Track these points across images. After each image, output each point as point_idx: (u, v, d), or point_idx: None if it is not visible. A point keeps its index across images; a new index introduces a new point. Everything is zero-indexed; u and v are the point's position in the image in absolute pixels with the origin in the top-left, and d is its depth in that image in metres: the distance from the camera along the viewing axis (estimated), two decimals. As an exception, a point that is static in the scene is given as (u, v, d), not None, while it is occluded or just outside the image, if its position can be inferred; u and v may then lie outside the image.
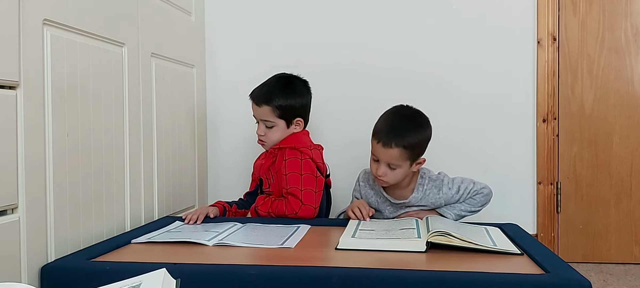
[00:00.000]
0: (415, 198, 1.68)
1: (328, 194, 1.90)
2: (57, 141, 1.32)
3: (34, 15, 1.24)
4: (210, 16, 2.33)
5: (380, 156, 1.61)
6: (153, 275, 0.86)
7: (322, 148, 1.87)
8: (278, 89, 1.80)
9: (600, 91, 2.21)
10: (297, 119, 1.82)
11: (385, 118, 1.65)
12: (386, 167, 1.61)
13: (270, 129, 1.80)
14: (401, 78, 2.25)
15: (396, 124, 1.60)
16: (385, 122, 1.62)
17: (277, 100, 1.78)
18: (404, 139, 1.57)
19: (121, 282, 0.87)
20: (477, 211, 1.70)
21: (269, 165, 1.82)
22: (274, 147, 1.81)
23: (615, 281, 2.00)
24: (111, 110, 1.56)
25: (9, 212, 1.19)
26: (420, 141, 1.62)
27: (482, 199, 1.69)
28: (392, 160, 1.59)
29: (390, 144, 1.57)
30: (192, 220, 1.67)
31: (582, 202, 2.24)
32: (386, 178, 1.63)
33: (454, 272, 1.12)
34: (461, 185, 1.68)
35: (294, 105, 1.80)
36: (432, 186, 1.68)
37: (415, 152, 1.61)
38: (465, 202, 1.68)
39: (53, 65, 1.30)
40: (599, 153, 2.23)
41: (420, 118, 1.65)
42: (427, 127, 1.65)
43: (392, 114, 1.66)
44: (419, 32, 2.25)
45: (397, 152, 1.57)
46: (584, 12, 2.21)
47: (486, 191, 1.69)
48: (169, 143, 1.93)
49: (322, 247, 1.41)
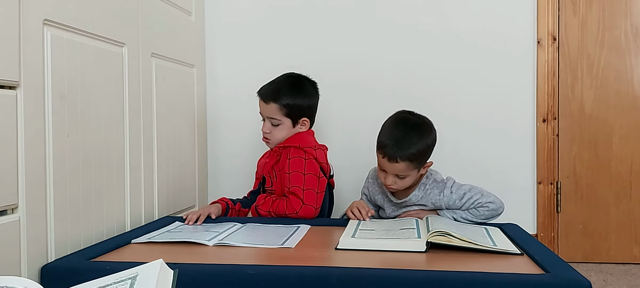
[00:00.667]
0: (415, 196, 1.68)
1: (331, 195, 1.90)
2: (57, 141, 1.32)
3: (34, 15, 1.24)
4: (210, 16, 2.33)
5: (387, 169, 1.62)
6: (150, 266, 0.85)
7: (326, 149, 1.87)
8: (286, 88, 1.80)
9: (600, 91, 2.21)
10: (303, 119, 1.82)
11: (389, 130, 1.63)
12: (394, 177, 1.63)
13: (276, 127, 1.80)
14: (404, 77, 2.25)
15: (400, 136, 1.59)
16: (389, 135, 1.61)
17: (285, 99, 1.78)
18: (408, 152, 1.57)
19: (117, 274, 0.86)
20: (480, 223, 1.64)
21: (273, 164, 1.82)
22: (279, 145, 1.81)
23: (615, 281, 2.00)
24: (111, 110, 1.56)
25: (9, 212, 1.19)
26: (426, 149, 1.62)
27: (487, 213, 1.63)
28: (399, 172, 1.61)
29: (395, 158, 1.57)
30: (192, 220, 1.66)
31: (582, 201, 2.24)
32: (395, 186, 1.65)
33: (454, 272, 1.12)
34: (467, 193, 1.64)
35: (302, 104, 1.80)
36: (435, 187, 1.68)
37: (422, 160, 1.62)
38: (469, 211, 1.64)
39: (53, 65, 1.30)
40: (599, 153, 2.23)
41: (423, 126, 1.64)
42: (430, 133, 1.64)
43: (396, 126, 1.64)
44: (419, 32, 2.25)
45: (403, 165, 1.59)
46: (584, 12, 2.21)
47: (493, 206, 1.63)
48: (169, 143, 1.93)
49: (322, 247, 1.41)
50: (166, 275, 0.83)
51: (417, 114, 1.68)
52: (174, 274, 0.84)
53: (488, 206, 1.63)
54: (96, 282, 0.86)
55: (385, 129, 1.65)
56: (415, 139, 1.59)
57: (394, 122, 1.66)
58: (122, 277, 0.84)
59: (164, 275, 0.83)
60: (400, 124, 1.64)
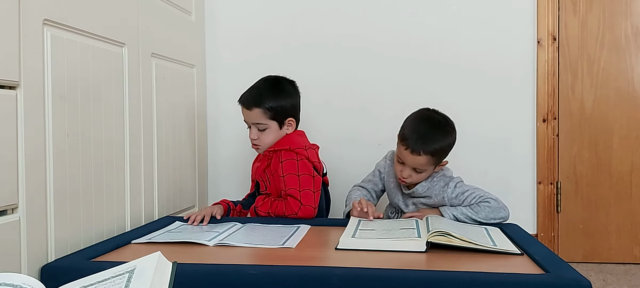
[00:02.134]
0: (422, 186, 1.71)
1: (326, 193, 1.90)
2: (57, 141, 1.32)
3: (34, 15, 1.24)
4: (210, 16, 2.33)
5: (407, 161, 1.65)
6: (147, 258, 0.85)
7: (317, 148, 1.87)
8: (267, 91, 1.80)
9: (601, 91, 2.21)
10: (289, 119, 1.81)
11: (414, 124, 1.67)
12: (411, 170, 1.66)
13: (263, 132, 1.80)
14: (401, 79, 2.26)
15: (424, 131, 1.63)
16: (414, 129, 1.65)
17: (267, 102, 1.77)
18: (431, 147, 1.62)
19: (115, 268, 0.86)
20: (483, 222, 1.62)
21: (264, 168, 1.82)
22: (269, 149, 1.80)
23: (615, 281, 2.00)
24: (111, 110, 1.56)
25: (9, 212, 1.19)
26: (447, 147, 1.67)
27: (487, 210, 1.62)
28: (419, 165, 1.65)
29: (418, 151, 1.61)
30: (196, 220, 1.65)
31: (582, 201, 2.24)
32: (410, 180, 1.69)
33: (454, 272, 1.12)
34: (467, 190, 1.67)
35: (285, 105, 1.80)
36: (441, 180, 1.71)
37: (441, 157, 1.68)
38: (470, 207, 1.64)
39: (53, 65, 1.30)
40: (599, 153, 2.23)
41: (447, 125, 1.68)
42: (452, 133, 1.68)
43: (421, 121, 1.68)
44: (419, 32, 2.25)
45: (424, 159, 1.63)
46: (584, 12, 2.21)
47: (495, 204, 1.63)
48: (169, 143, 1.93)
49: (322, 247, 1.42)
50: (164, 268, 0.83)
51: (441, 113, 1.72)
52: (173, 266, 0.84)
53: (489, 202, 1.63)
54: (95, 276, 0.87)
55: (410, 123, 1.69)
56: (439, 136, 1.64)
57: (418, 117, 1.70)
58: (120, 271, 0.84)
59: (161, 267, 0.83)
60: (425, 119, 1.68)
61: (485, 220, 1.63)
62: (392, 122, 1.78)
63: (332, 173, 1.95)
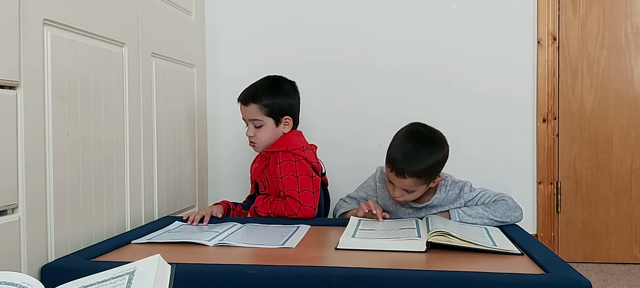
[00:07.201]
0: (437, 198, 1.66)
1: (325, 192, 1.90)
2: (57, 141, 1.32)
3: (34, 15, 1.24)
4: (210, 16, 2.33)
5: (394, 182, 1.60)
6: (147, 261, 0.85)
7: (315, 148, 1.86)
8: (264, 88, 1.81)
9: (600, 91, 2.21)
10: (285, 118, 1.81)
11: (399, 144, 1.60)
12: (402, 190, 1.61)
13: (259, 129, 1.80)
14: (401, 78, 2.26)
15: (410, 151, 1.56)
16: (399, 150, 1.58)
17: (264, 98, 1.78)
18: (416, 168, 1.55)
19: (116, 269, 0.86)
20: (499, 221, 1.60)
21: (263, 168, 1.82)
22: (266, 150, 1.81)
23: (615, 281, 2.00)
24: (111, 110, 1.56)
25: (9, 212, 1.19)
26: (435, 165, 1.59)
27: (505, 208, 1.60)
28: (407, 187, 1.60)
29: (403, 173, 1.56)
30: (196, 221, 1.65)
31: (582, 201, 2.24)
32: (402, 199, 1.64)
33: (454, 272, 1.12)
34: (481, 191, 1.66)
35: (281, 103, 1.80)
36: (455, 187, 1.68)
37: (431, 176, 1.60)
38: (486, 205, 1.62)
39: (53, 65, 1.30)
40: (599, 153, 2.23)
41: (435, 141, 1.60)
42: (441, 149, 1.60)
43: (406, 140, 1.60)
44: (419, 32, 2.25)
45: (410, 181, 1.57)
46: (584, 12, 2.21)
47: (512, 203, 1.61)
48: (169, 143, 1.93)
49: (322, 247, 1.42)
50: (164, 270, 0.84)
51: (429, 128, 1.65)
52: (172, 269, 0.84)
53: (506, 200, 1.62)
54: (94, 276, 0.87)
55: (396, 142, 1.62)
56: (425, 154, 1.56)
57: (405, 135, 1.62)
58: (121, 272, 0.85)
59: (161, 270, 0.83)
60: (412, 137, 1.61)
61: (502, 218, 1.60)
62: (392, 122, 1.78)
63: (330, 174, 1.95)
